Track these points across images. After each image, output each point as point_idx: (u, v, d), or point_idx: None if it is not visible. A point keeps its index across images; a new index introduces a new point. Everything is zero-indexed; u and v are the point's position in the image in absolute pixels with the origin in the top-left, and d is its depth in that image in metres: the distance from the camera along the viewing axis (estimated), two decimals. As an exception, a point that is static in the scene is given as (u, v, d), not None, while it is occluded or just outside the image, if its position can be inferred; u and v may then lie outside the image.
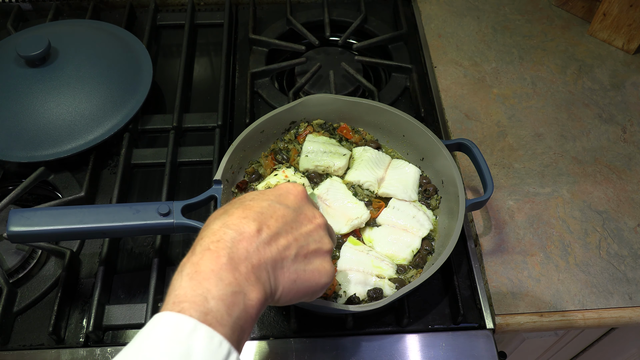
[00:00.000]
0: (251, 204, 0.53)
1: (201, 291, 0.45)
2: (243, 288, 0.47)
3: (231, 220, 0.51)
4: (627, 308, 0.83)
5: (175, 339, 0.42)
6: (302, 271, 0.53)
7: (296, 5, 1.24)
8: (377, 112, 0.91)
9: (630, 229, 0.91)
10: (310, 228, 0.55)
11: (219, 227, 0.50)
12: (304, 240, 0.54)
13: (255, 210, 0.52)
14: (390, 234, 0.82)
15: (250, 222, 0.51)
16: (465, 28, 1.21)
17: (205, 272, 0.46)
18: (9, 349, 0.77)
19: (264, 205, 0.53)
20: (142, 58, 1.05)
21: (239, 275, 0.47)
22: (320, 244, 0.56)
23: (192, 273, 0.46)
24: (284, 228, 0.53)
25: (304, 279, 0.53)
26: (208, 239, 0.49)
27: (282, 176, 0.86)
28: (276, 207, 0.54)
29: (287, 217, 0.54)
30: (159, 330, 0.43)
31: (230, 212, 0.52)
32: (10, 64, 0.96)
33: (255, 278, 0.48)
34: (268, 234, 0.51)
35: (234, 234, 0.49)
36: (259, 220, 0.51)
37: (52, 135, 0.92)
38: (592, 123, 1.05)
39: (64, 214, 0.73)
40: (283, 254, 0.52)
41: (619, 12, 1.13)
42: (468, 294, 0.84)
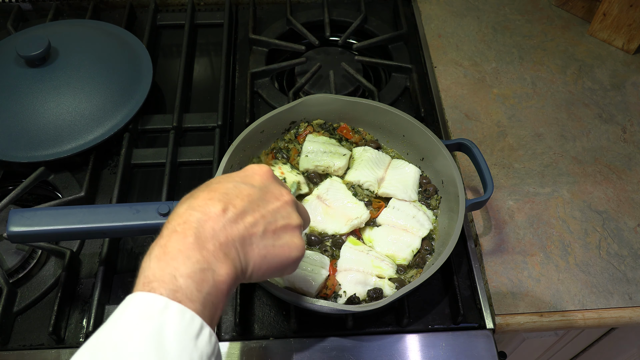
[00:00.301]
0: (216, 187, 0.54)
1: (170, 270, 0.46)
2: (211, 265, 0.48)
3: (196, 203, 0.51)
4: (627, 308, 0.83)
5: (147, 316, 0.43)
6: (271, 246, 0.54)
7: (296, 5, 1.24)
8: (377, 112, 0.91)
9: (630, 229, 0.91)
10: (277, 205, 0.56)
11: (185, 209, 0.51)
12: (271, 217, 0.55)
13: (221, 192, 0.53)
14: (390, 234, 0.83)
15: (216, 203, 0.51)
16: (465, 28, 1.21)
17: (173, 252, 0.47)
18: (9, 349, 0.77)
19: (229, 186, 0.54)
20: (142, 58, 1.05)
21: (207, 253, 0.48)
22: (289, 219, 0.56)
23: (160, 254, 0.47)
24: (250, 206, 0.53)
25: (273, 254, 0.54)
26: (174, 221, 0.50)
27: (279, 172, 0.86)
28: (242, 187, 0.55)
29: (253, 195, 0.55)
30: (131, 310, 0.44)
31: (195, 195, 0.53)
32: (10, 64, 0.96)
33: (224, 255, 0.49)
34: (234, 213, 0.51)
35: (200, 215, 0.50)
36: (224, 200, 0.52)
37: (52, 135, 0.92)
38: (592, 123, 1.05)
39: (64, 214, 0.73)
40: (250, 230, 0.52)
41: (619, 12, 1.13)
42: (468, 294, 0.84)
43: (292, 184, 0.85)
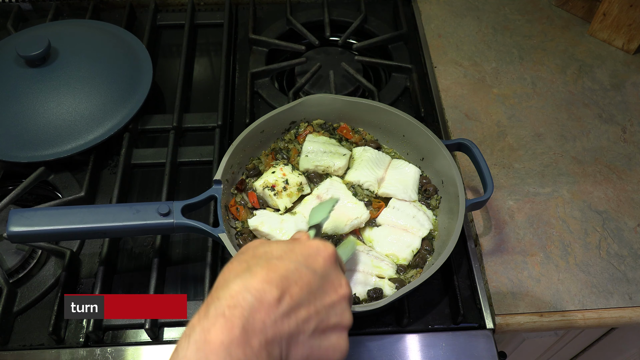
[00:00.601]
0: (277, 264, 0.49)
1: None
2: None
3: (253, 283, 0.47)
4: (627, 308, 0.83)
5: None
6: (317, 347, 0.50)
7: (296, 5, 1.24)
8: (377, 112, 0.91)
9: (630, 229, 0.91)
10: (334, 299, 0.52)
11: (239, 289, 0.46)
12: (325, 313, 0.50)
13: (280, 273, 0.48)
14: (390, 234, 0.82)
15: (273, 289, 0.47)
16: (465, 28, 1.21)
17: (215, 344, 0.43)
18: (9, 349, 0.77)
19: (290, 267, 0.49)
20: (142, 58, 1.05)
21: (250, 351, 0.44)
22: (341, 318, 0.52)
23: (201, 342, 0.43)
24: (307, 298, 0.49)
25: (317, 355, 0.50)
26: (225, 300, 0.45)
27: (280, 174, 0.86)
28: (303, 272, 0.50)
29: (313, 284, 0.50)
30: None
31: (253, 272, 0.48)
32: (10, 64, 0.96)
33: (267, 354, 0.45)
34: (289, 305, 0.47)
35: (253, 301, 0.45)
36: (282, 286, 0.47)
37: (52, 135, 0.92)
38: (592, 123, 1.05)
39: (64, 214, 0.73)
40: (301, 327, 0.48)
41: (619, 12, 1.13)
42: (468, 294, 0.84)
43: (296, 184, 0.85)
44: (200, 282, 0.82)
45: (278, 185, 0.85)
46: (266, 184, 0.85)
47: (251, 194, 0.86)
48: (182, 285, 0.84)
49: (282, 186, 0.85)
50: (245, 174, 0.88)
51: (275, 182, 0.85)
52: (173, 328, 0.80)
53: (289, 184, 0.85)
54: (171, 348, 0.77)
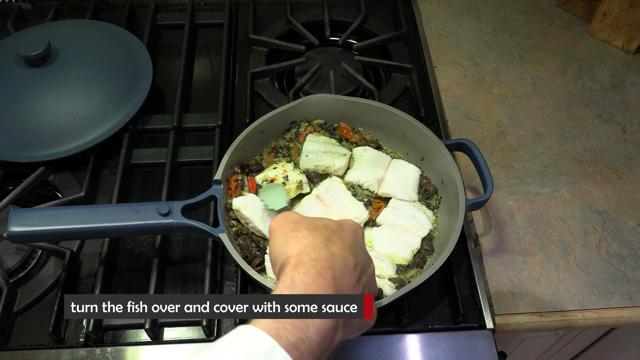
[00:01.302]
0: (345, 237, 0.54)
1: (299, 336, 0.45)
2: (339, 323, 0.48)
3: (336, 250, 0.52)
4: (627, 308, 0.83)
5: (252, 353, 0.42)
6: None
7: (296, 5, 1.24)
8: (377, 112, 0.91)
9: (630, 229, 0.91)
10: (372, 269, 0.58)
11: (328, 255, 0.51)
12: (371, 281, 0.57)
13: (349, 244, 0.54)
14: (390, 234, 0.82)
15: (350, 257, 0.52)
16: (465, 28, 1.21)
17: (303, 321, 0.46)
18: (9, 349, 0.77)
19: (351, 240, 0.55)
20: (142, 58, 1.05)
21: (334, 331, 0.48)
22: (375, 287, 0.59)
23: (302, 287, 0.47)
24: (364, 267, 0.55)
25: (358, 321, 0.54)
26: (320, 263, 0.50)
27: (281, 170, 0.86)
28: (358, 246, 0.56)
29: (365, 257, 0.56)
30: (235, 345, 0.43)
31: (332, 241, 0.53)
32: (10, 64, 0.96)
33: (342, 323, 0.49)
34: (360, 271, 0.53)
35: (341, 266, 0.50)
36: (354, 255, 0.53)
37: (52, 135, 0.92)
38: (592, 123, 1.05)
39: (64, 214, 0.73)
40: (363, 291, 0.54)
41: (619, 12, 1.13)
42: (468, 294, 0.84)
43: (296, 180, 0.85)
44: (200, 282, 0.82)
45: (277, 180, 0.85)
46: (266, 178, 0.85)
47: (251, 179, 0.87)
48: (182, 285, 0.84)
49: (281, 181, 0.85)
50: (248, 169, 0.89)
51: (275, 177, 0.85)
52: (173, 328, 0.80)
53: (288, 180, 0.85)
54: (171, 348, 0.78)
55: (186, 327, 0.80)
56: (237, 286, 0.82)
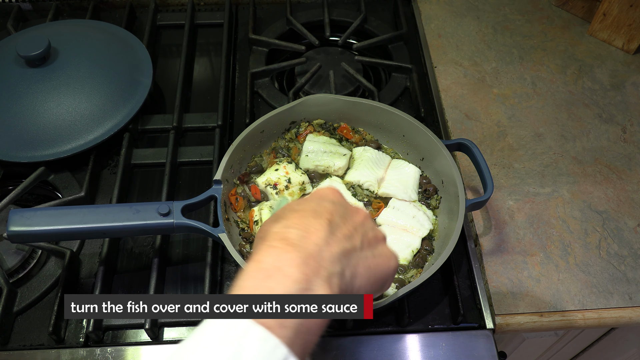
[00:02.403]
0: (303, 207, 0.52)
1: (263, 290, 0.42)
2: (312, 285, 0.43)
3: (291, 222, 0.48)
4: (627, 308, 0.83)
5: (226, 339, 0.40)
6: (372, 257, 0.51)
7: (296, 5, 1.24)
8: (377, 112, 0.91)
9: (630, 229, 0.91)
10: (361, 218, 0.54)
11: (281, 228, 0.48)
12: (362, 229, 0.52)
13: (310, 209, 0.51)
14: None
15: (312, 219, 0.49)
16: (465, 28, 1.21)
17: (269, 269, 0.44)
18: (9, 349, 0.77)
19: (313, 205, 0.52)
20: (142, 58, 1.05)
21: (308, 270, 0.44)
22: (375, 231, 0.54)
23: (254, 270, 0.44)
24: (340, 220, 0.51)
25: (376, 264, 0.51)
26: (271, 239, 0.47)
27: (283, 172, 0.86)
28: (325, 204, 0.52)
29: (338, 210, 0.52)
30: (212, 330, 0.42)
31: (286, 217, 0.50)
32: (10, 64, 0.96)
33: (327, 273, 0.45)
34: (330, 226, 0.49)
35: (300, 232, 0.47)
36: (317, 216, 0.49)
37: (52, 135, 0.92)
38: (592, 123, 1.05)
39: (64, 214, 0.73)
40: (352, 242, 0.50)
41: (619, 12, 1.13)
42: (468, 294, 0.84)
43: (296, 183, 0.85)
44: (200, 282, 0.82)
45: (280, 184, 0.85)
46: (269, 182, 0.85)
47: (254, 187, 0.86)
48: (182, 285, 0.84)
49: (284, 184, 0.85)
50: (248, 169, 0.89)
51: (278, 180, 0.85)
52: (173, 328, 0.80)
53: (291, 182, 0.85)
54: (171, 348, 0.78)
55: (186, 327, 0.80)
56: (237, 286, 0.81)
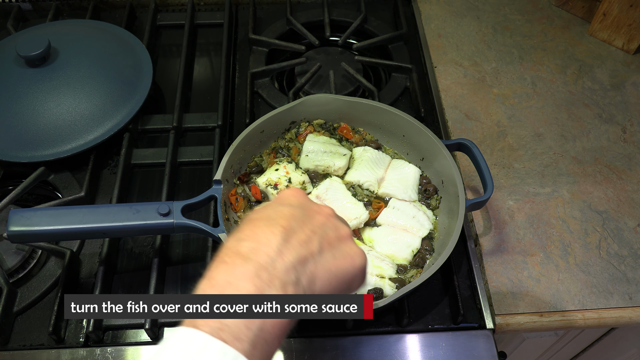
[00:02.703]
0: (258, 216, 0.51)
1: None
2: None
3: (243, 234, 0.48)
4: (627, 308, 0.83)
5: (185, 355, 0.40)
6: (332, 259, 0.50)
7: (296, 5, 1.24)
8: (377, 112, 0.91)
9: (630, 229, 0.91)
10: (322, 219, 0.52)
11: (233, 242, 0.48)
12: (321, 231, 0.51)
13: (264, 219, 0.50)
14: (390, 234, 0.82)
15: (263, 228, 0.48)
16: (465, 28, 1.21)
17: (221, 284, 0.44)
18: (9, 349, 0.77)
19: (269, 212, 0.51)
20: (142, 58, 1.05)
21: (260, 282, 0.44)
22: (338, 230, 0.53)
23: (207, 287, 0.44)
24: (297, 225, 0.50)
25: (337, 266, 0.50)
26: (222, 253, 0.47)
27: (283, 172, 0.86)
28: (282, 209, 0.52)
29: (296, 214, 0.51)
30: (171, 346, 0.42)
31: (240, 230, 0.50)
32: (10, 64, 0.96)
33: (281, 283, 0.45)
34: (284, 233, 0.48)
35: (250, 243, 0.47)
36: (270, 224, 0.49)
37: (52, 135, 0.92)
38: (592, 123, 1.05)
39: (64, 214, 0.73)
40: (308, 248, 0.48)
41: (619, 12, 1.13)
42: (468, 294, 0.84)
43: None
44: (200, 281, 0.81)
45: (281, 184, 0.85)
46: (269, 182, 0.85)
47: (254, 187, 0.86)
48: (182, 285, 0.84)
49: (284, 184, 0.85)
50: (248, 170, 0.89)
51: (279, 180, 0.85)
52: (173, 328, 0.80)
53: (292, 182, 0.85)
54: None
55: (186, 327, 0.80)
56: (237, 286, 0.81)
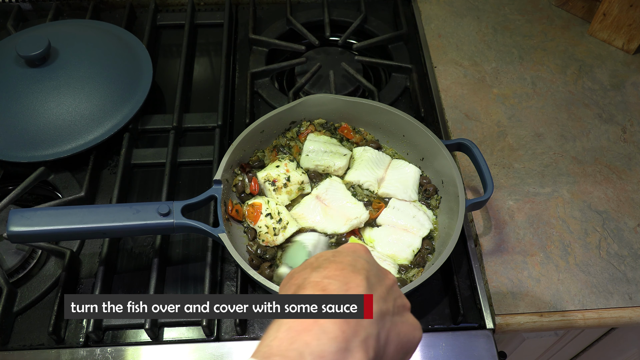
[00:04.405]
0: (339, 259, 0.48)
1: (298, 345, 0.39)
2: (350, 345, 0.40)
3: (331, 272, 0.46)
4: (627, 308, 0.83)
5: None
6: (401, 323, 0.48)
7: (296, 5, 1.24)
8: (377, 112, 0.91)
9: (630, 229, 0.91)
10: (391, 281, 0.50)
11: (320, 278, 0.45)
12: (393, 293, 0.49)
13: (347, 263, 0.47)
14: (391, 234, 0.82)
15: (351, 273, 0.45)
16: (465, 28, 1.21)
17: (307, 322, 0.41)
18: (9, 349, 0.77)
19: (350, 259, 0.49)
20: (142, 58, 1.05)
21: (347, 328, 0.41)
22: (403, 298, 0.51)
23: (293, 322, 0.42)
24: (375, 280, 0.47)
25: (405, 332, 0.47)
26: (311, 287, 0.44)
27: (284, 169, 0.86)
28: (361, 261, 0.49)
29: (372, 270, 0.49)
30: None
31: (324, 266, 0.47)
32: (10, 64, 0.96)
33: (366, 334, 0.42)
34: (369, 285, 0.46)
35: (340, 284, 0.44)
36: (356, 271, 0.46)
37: (52, 135, 0.92)
38: (592, 123, 1.05)
39: (64, 214, 0.73)
40: (386, 305, 0.46)
41: (619, 12, 1.13)
42: (468, 294, 0.84)
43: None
44: (200, 282, 0.82)
45: (279, 181, 0.85)
46: (268, 177, 0.85)
47: (254, 179, 0.87)
48: (182, 285, 0.84)
49: (283, 182, 0.85)
50: (250, 163, 0.89)
51: (277, 177, 0.85)
52: (173, 328, 0.80)
53: (290, 181, 0.85)
54: (171, 348, 0.78)
55: (186, 327, 0.80)
56: (237, 286, 0.82)
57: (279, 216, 0.82)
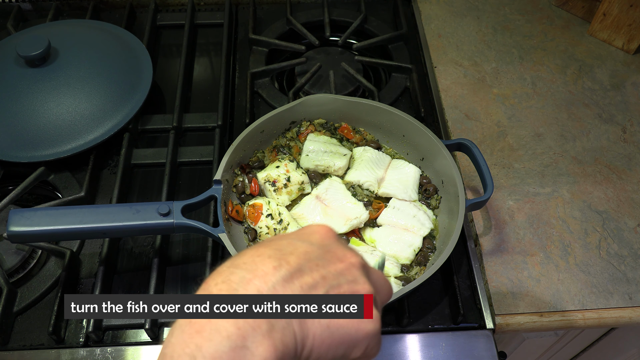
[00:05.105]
0: (267, 244, 0.44)
1: (190, 349, 0.37)
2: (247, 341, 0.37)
3: (241, 260, 0.42)
4: (627, 308, 0.83)
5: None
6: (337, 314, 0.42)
7: (296, 5, 1.24)
8: (377, 112, 0.91)
9: (630, 229, 0.91)
10: (340, 267, 0.44)
11: (226, 267, 0.42)
12: (334, 280, 0.42)
13: (272, 248, 0.43)
14: (392, 234, 0.83)
15: (265, 259, 0.41)
16: (465, 28, 1.21)
17: (200, 322, 0.39)
18: (9, 349, 0.77)
19: (282, 242, 0.44)
20: (142, 58, 1.05)
21: (244, 323, 0.38)
22: (355, 284, 0.44)
23: (185, 324, 0.39)
24: (308, 265, 0.42)
25: (340, 325, 0.42)
26: (212, 280, 0.41)
27: (284, 170, 0.86)
28: (297, 244, 0.44)
29: (311, 253, 0.43)
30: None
31: (242, 253, 0.44)
32: (10, 64, 0.96)
33: (269, 326, 0.38)
34: (288, 270, 0.41)
35: (244, 273, 0.40)
36: (276, 256, 0.42)
37: (52, 135, 0.92)
38: (592, 123, 1.05)
39: (64, 214, 0.73)
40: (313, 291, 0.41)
41: (619, 12, 1.13)
42: (468, 294, 0.84)
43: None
44: (201, 282, 0.81)
45: (279, 182, 0.85)
46: (268, 178, 0.85)
47: (254, 180, 0.87)
48: (182, 285, 0.84)
49: (283, 183, 0.85)
50: (250, 164, 0.89)
51: (277, 178, 0.85)
52: (173, 328, 0.80)
53: (290, 181, 0.85)
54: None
55: (186, 327, 0.80)
56: (237, 286, 0.81)
57: (280, 217, 0.82)
